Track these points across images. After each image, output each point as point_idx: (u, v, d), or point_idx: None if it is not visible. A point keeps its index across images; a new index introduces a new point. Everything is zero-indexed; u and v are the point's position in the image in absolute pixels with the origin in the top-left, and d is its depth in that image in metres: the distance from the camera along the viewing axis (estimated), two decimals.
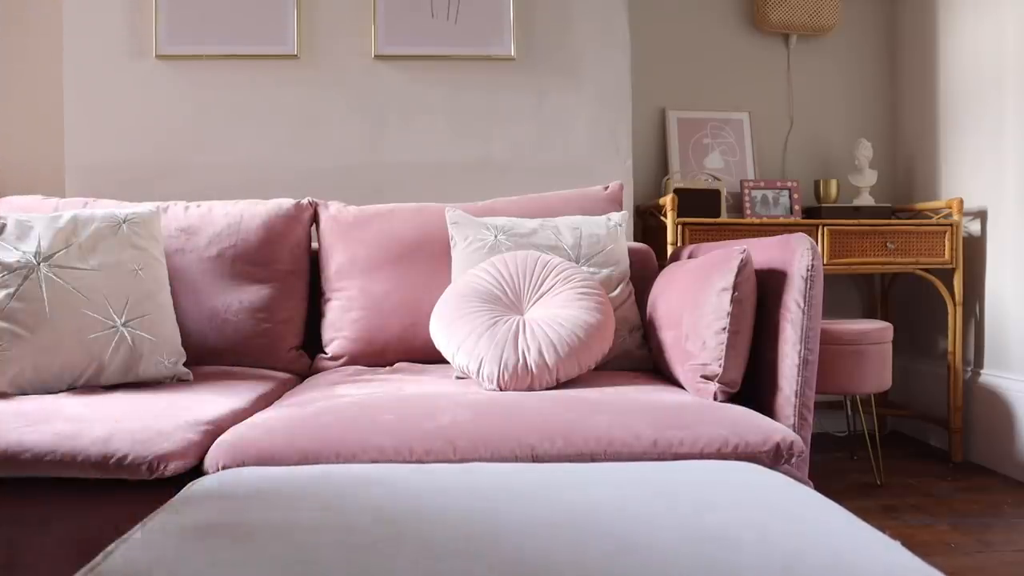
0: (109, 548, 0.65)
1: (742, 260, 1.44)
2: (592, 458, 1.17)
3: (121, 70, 2.49)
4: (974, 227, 2.69)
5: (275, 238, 1.98)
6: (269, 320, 1.92)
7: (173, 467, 1.14)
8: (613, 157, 2.62)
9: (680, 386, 1.58)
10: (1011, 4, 2.50)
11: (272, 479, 0.88)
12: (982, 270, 2.64)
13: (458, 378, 1.64)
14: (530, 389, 1.49)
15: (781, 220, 2.63)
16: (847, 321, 2.43)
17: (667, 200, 2.46)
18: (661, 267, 1.99)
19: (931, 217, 2.70)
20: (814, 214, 2.79)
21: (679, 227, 2.45)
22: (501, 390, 1.49)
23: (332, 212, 2.07)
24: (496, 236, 1.84)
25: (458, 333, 1.59)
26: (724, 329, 1.42)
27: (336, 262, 1.99)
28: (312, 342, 2.01)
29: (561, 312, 1.60)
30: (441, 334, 1.64)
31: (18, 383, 1.49)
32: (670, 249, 2.41)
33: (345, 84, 2.55)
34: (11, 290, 1.53)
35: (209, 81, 2.51)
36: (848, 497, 2.22)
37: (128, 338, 1.58)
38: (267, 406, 1.50)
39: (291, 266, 1.99)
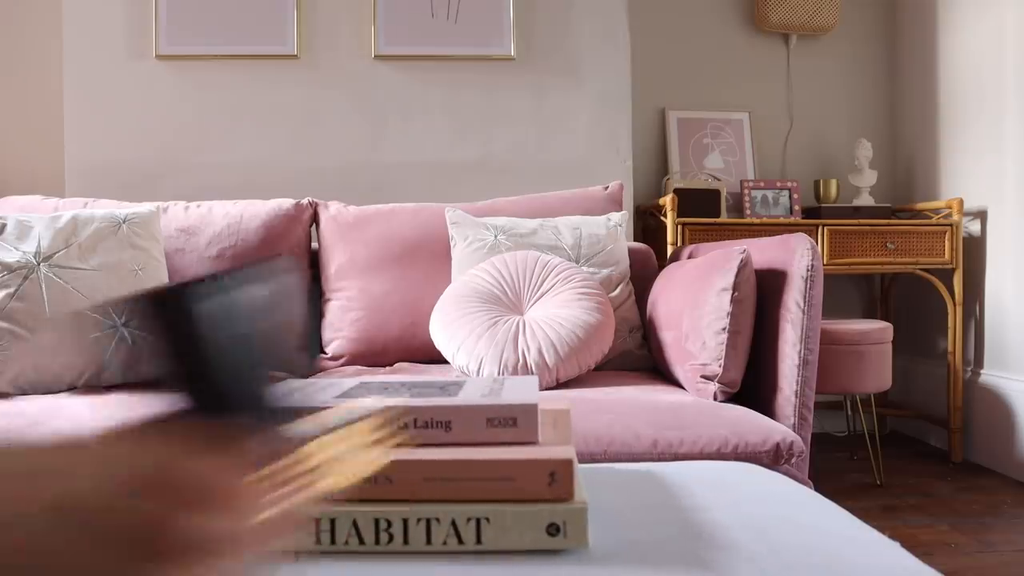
0: None
1: (742, 260, 1.44)
2: (592, 458, 1.17)
3: (121, 70, 2.49)
4: (974, 227, 2.69)
5: (275, 238, 1.98)
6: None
7: None
8: (613, 157, 2.62)
9: (680, 386, 1.58)
10: (1011, 4, 2.50)
11: None
12: (982, 270, 2.64)
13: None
14: None
15: (781, 220, 2.63)
16: (847, 321, 2.43)
17: (667, 200, 2.46)
18: (661, 267, 1.99)
19: (931, 217, 2.69)
20: (814, 214, 2.79)
21: (679, 227, 2.45)
22: None
23: (332, 212, 2.07)
24: (496, 236, 1.84)
25: (458, 333, 1.59)
26: (724, 329, 1.42)
27: (336, 262, 1.99)
28: None
29: (561, 312, 1.60)
30: (441, 334, 1.64)
31: (18, 383, 1.49)
32: (670, 249, 2.41)
33: (345, 84, 2.55)
34: (11, 290, 1.53)
35: (209, 81, 2.51)
36: (848, 497, 2.22)
37: (128, 338, 1.58)
38: None
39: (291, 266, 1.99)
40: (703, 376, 1.45)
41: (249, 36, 2.51)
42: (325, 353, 1.95)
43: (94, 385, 1.55)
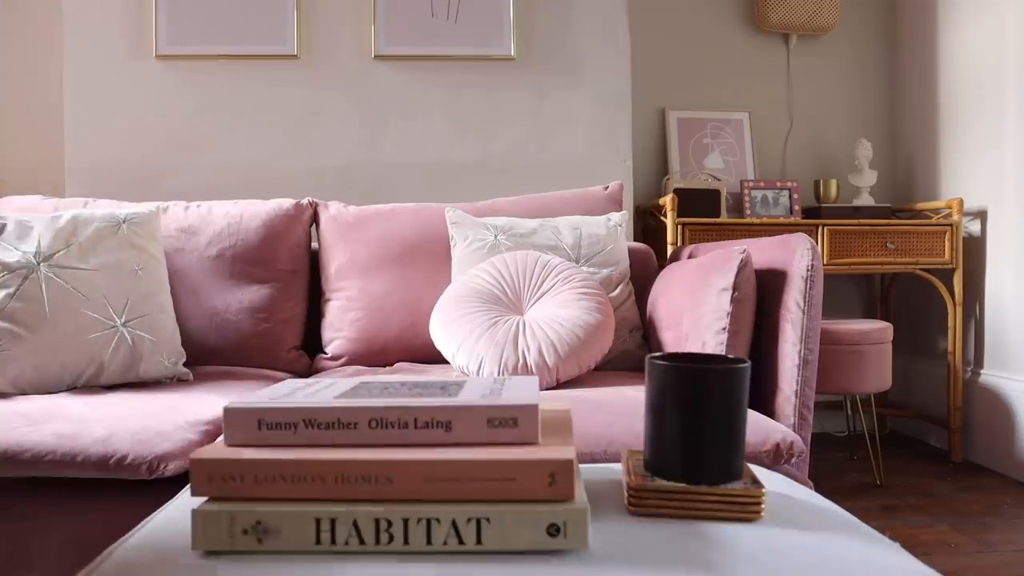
0: (109, 548, 0.65)
1: (742, 260, 1.44)
2: (592, 458, 1.17)
3: (121, 70, 2.49)
4: (974, 227, 2.69)
5: (275, 238, 1.98)
6: (269, 320, 1.92)
7: (173, 467, 1.15)
8: (613, 157, 2.62)
9: None
10: (1011, 4, 2.50)
11: None
12: (982, 270, 2.65)
13: None
14: None
15: (781, 220, 2.63)
16: (847, 321, 2.43)
17: (667, 200, 2.46)
18: (661, 267, 1.99)
19: (931, 217, 2.70)
20: (814, 214, 2.79)
21: (679, 227, 2.45)
22: None
23: (332, 212, 2.07)
24: (496, 236, 1.84)
25: (458, 333, 1.59)
26: (724, 329, 1.42)
27: (336, 262, 1.99)
28: (312, 342, 2.01)
29: (561, 312, 1.60)
30: (441, 334, 1.64)
31: (18, 383, 1.49)
32: (670, 249, 2.41)
33: (345, 84, 2.55)
34: (11, 290, 1.53)
35: (209, 81, 2.52)
36: (848, 497, 2.22)
37: (128, 338, 1.58)
38: None
39: (291, 266, 1.99)
40: None
41: (249, 36, 2.52)
42: (325, 353, 1.95)
43: (94, 385, 1.55)
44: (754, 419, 1.28)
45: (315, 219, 2.09)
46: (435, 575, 0.55)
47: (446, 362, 1.68)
